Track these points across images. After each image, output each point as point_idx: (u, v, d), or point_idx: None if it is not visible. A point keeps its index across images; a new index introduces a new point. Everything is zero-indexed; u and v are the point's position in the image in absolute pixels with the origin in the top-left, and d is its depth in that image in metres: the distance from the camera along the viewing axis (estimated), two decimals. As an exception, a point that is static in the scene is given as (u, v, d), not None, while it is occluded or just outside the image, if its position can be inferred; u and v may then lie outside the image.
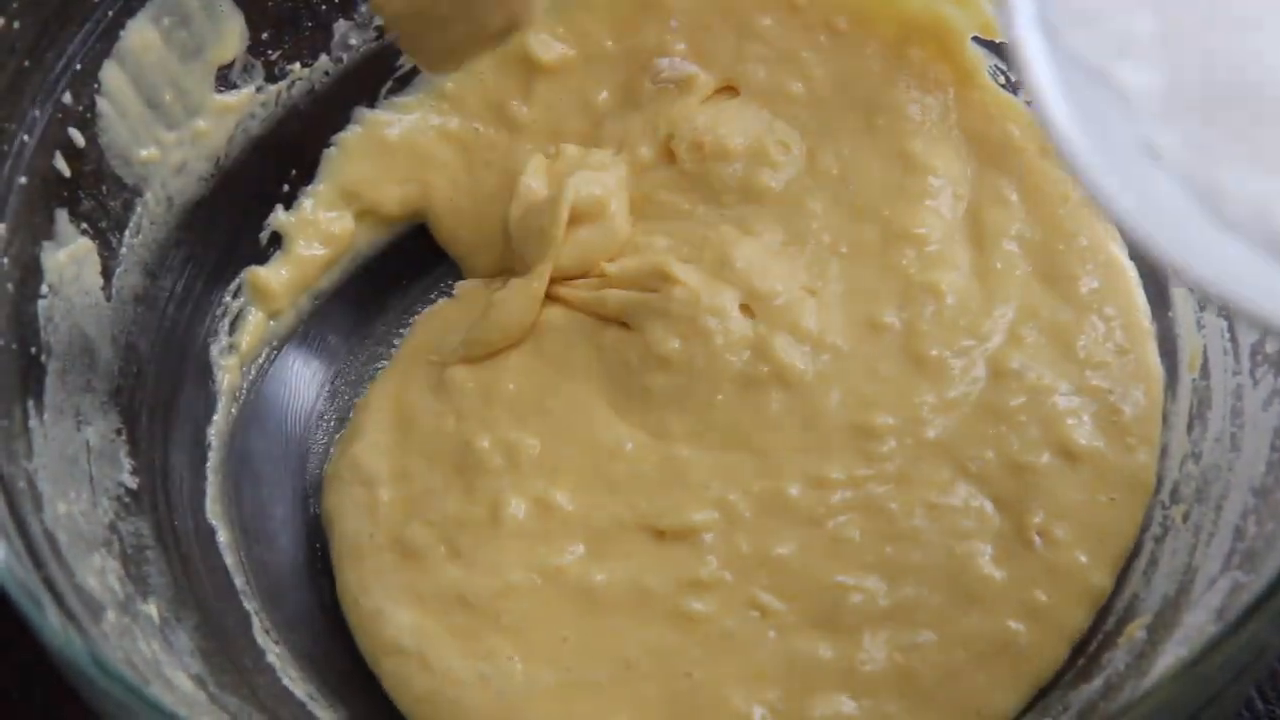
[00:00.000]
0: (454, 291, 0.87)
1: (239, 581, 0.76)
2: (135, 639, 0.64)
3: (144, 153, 0.77)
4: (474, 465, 0.79)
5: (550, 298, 0.83)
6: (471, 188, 0.87)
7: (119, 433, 0.73)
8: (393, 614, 0.75)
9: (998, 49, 0.85)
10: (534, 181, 0.83)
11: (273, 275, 0.84)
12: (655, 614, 0.73)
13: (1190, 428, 0.74)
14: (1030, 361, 0.77)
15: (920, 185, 0.83)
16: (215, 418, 0.81)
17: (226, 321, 0.82)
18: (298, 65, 0.84)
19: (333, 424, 0.85)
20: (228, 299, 0.83)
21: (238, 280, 0.83)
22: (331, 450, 0.83)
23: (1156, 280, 0.79)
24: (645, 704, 0.71)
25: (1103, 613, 0.72)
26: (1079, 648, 0.72)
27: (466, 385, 0.81)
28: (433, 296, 0.88)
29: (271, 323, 0.84)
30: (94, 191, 0.74)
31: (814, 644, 0.72)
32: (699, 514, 0.75)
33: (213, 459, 0.80)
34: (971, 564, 0.73)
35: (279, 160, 0.84)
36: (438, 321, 0.85)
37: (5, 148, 0.70)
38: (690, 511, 0.75)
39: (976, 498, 0.74)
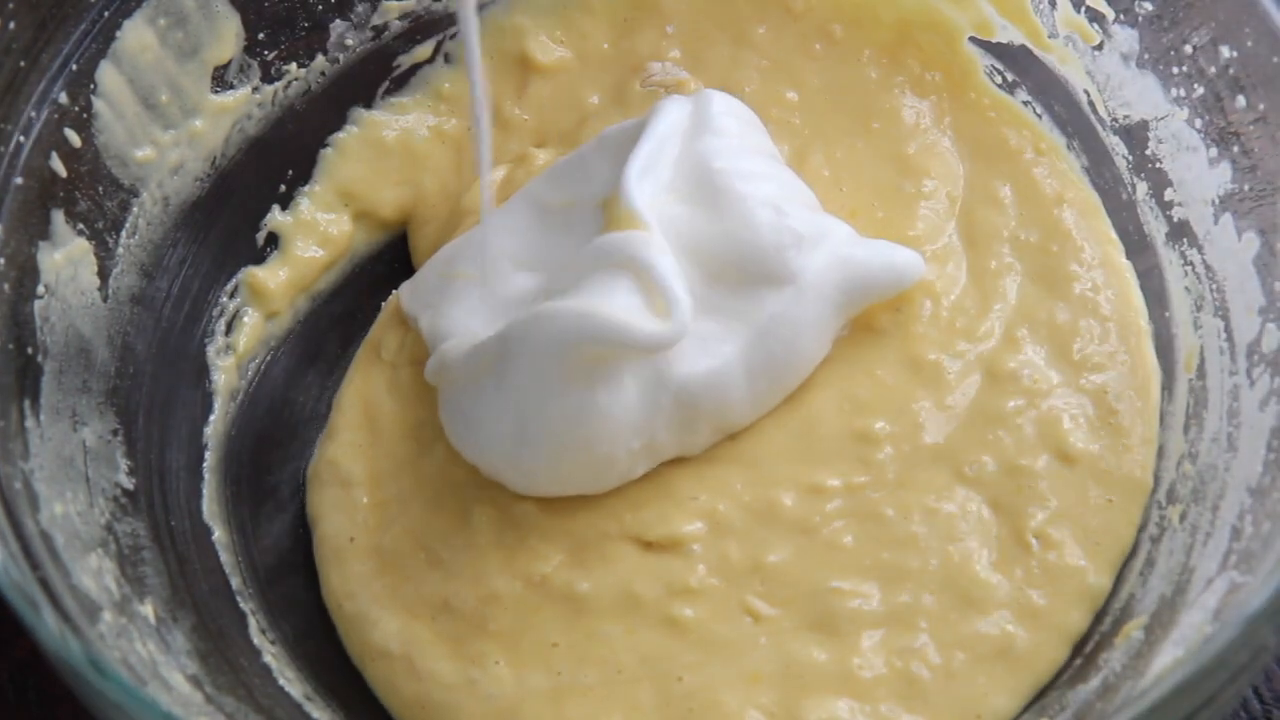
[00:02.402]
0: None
1: (235, 582, 0.76)
2: (132, 639, 0.63)
3: (140, 153, 0.77)
4: (438, 472, 0.78)
5: None
6: (459, 191, 0.87)
7: (115, 433, 0.73)
8: (378, 619, 0.75)
9: (994, 49, 0.85)
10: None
11: (270, 276, 0.84)
12: (645, 620, 0.73)
13: (1187, 428, 0.74)
14: (1027, 363, 0.77)
15: (915, 187, 0.83)
16: (212, 418, 0.81)
17: (223, 322, 0.82)
18: (294, 65, 0.84)
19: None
20: (224, 300, 0.83)
21: (234, 281, 0.83)
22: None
23: (1153, 280, 0.79)
24: (638, 707, 0.71)
25: (1100, 613, 0.72)
26: (1076, 648, 0.72)
27: (419, 387, 0.81)
28: (430, 297, 0.87)
29: (268, 324, 0.84)
30: (90, 192, 0.74)
31: (809, 648, 0.72)
32: (686, 525, 0.75)
33: (209, 459, 0.80)
34: (969, 568, 0.73)
35: (276, 161, 0.84)
36: (390, 316, 0.85)
37: (1, 148, 0.70)
38: (677, 523, 0.75)
39: (974, 501, 0.74)
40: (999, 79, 0.85)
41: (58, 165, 0.72)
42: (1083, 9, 0.80)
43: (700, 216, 0.76)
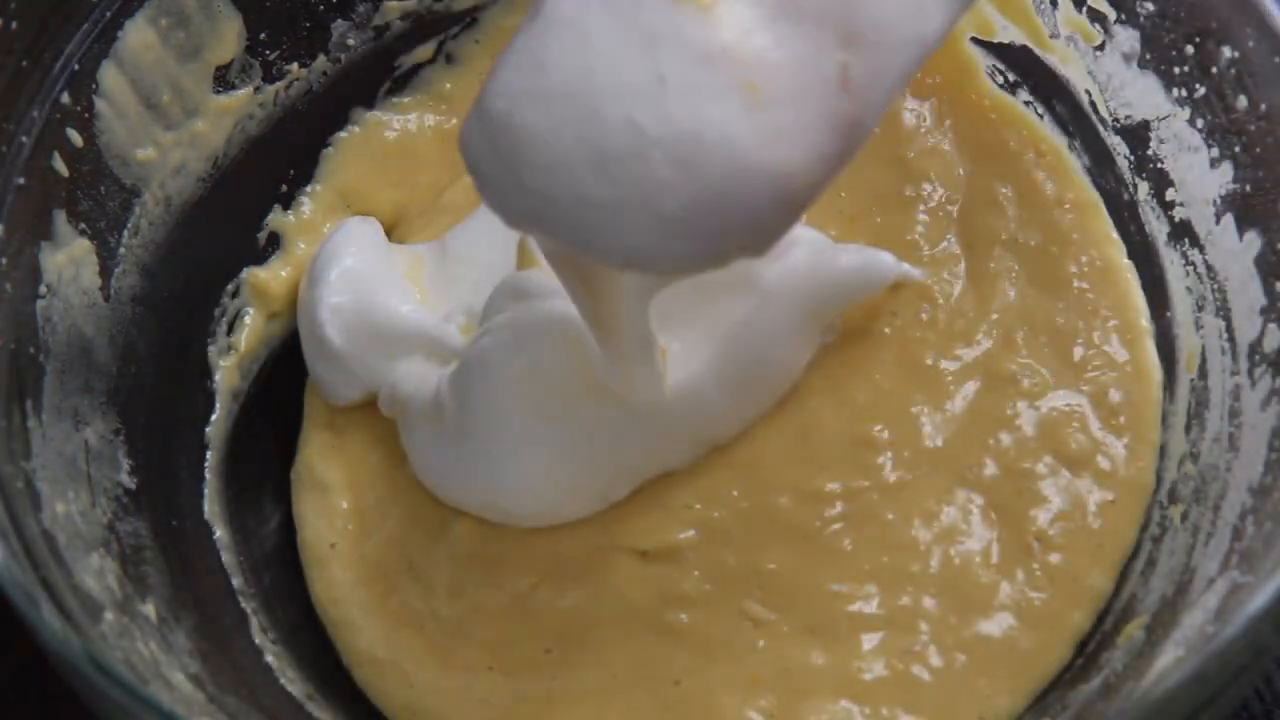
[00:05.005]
0: None
1: (237, 582, 0.76)
2: (134, 639, 0.64)
3: (142, 153, 0.77)
4: (413, 483, 0.78)
5: None
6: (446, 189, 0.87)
7: (117, 433, 0.73)
8: (363, 625, 0.75)
9: (995, 50, 0.85)
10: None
11: (272, 276, 0.84)
12: (640, 626, 0.73)
13: (1188, 428, 0.74)
14: (1026, 365, 0.77)
15: (914, 191, 0.82)
16: (214, 418, 0.81)
17: (225, 322, 0.82)
18: (295, 65, 0.84)
19: (330, 425, 0.84)
20: (226, 300, 0.83)
21: (236, 281, 0.83)
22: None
23: (1155, 280, 0.79)
24: (635, 710, 0.71)
25: (1101, 613, 0.72)
26: (1078, 648, 0.72)
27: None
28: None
29: (269, 324, 0.84)
30: (92, 192, 0.74)
31: (808, 651, 0.71)
32: (680, 534, 0.75)
33: (211, 459, 0.80)
34: (970, 570, 0.73)
35: (277, 161, 0.84)
36: None
37: (3, 148, 0.70)
38: (672, 532, 0.75)
39: (974, 504, 0.74)
40: (1000, 79, 0.85)
41: (60, 165, 0.72)
42: (1084, 9, 0.80)
43: None
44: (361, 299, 0.79)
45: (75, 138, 0.73)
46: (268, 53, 0.82)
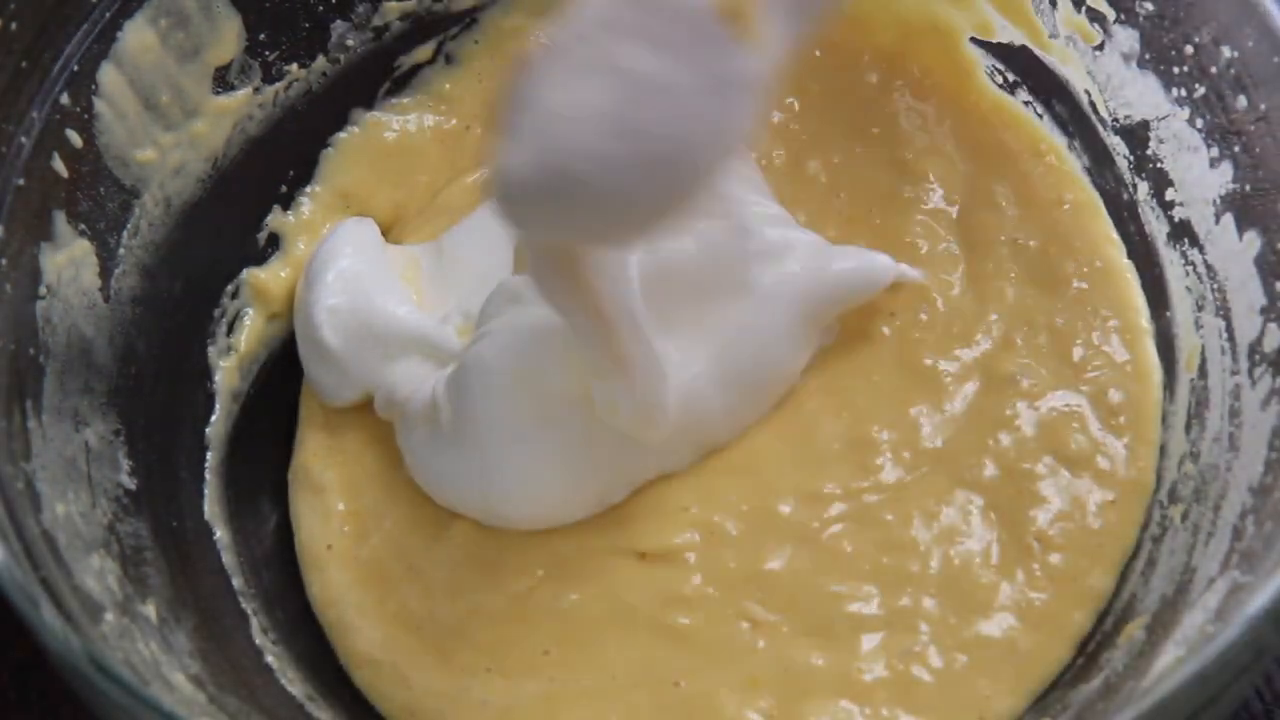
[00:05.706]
0: None
1: (237, 582, 0.76)
2: (134, 640, 0.63)
3: (141, 154, 0.77)
4: (410, 484, 0.78)
5: None
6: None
7: (117, 434, 0.73)
8: (360, 627, 0.75)
9: (995, 50, 0.85)
10: None
11: (272, 277, 0.84)
12: (638, 628, 0.73)
13: (1188, 427, 0.74)
14: (1026, 366, 0.77)
15: (914, 192, 0.82)
16: (213, 419, 0.81)
17: (225, 323, 0.82)
18: (295, 66, 0.84)
19: (330, 426, 0.84)
20: (226, 300, 0.83)
21: (236, 282, 0.83)
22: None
23: (1154, 280, 0.79)
24: (635, 711, 0.71)
25: (1101, 613, 0.72)
26: (1079, 648, 0.72)
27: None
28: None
29: (269, 324, 0.84)
30: (92, 193, 0.74)
31: (808, 653, 0.71)
32: (679, 536, 0.75)
33: (211, 460, 0.80)
34: (970, 570, 0.73)
35: (277, 161, 0.84)
36: None
37: (3, 149, 0.70)
38: (669, 535, 0.75)
39: (974, 504, 0.74)
40: (999, 79, 0.85)
41: (59, 166, 0.72)
42: (1083, 9, 0.80)
43: None
44: (358, 300, 0.79)
45: (75, 138, 0.73)
46: (267, 53, 0.82)
